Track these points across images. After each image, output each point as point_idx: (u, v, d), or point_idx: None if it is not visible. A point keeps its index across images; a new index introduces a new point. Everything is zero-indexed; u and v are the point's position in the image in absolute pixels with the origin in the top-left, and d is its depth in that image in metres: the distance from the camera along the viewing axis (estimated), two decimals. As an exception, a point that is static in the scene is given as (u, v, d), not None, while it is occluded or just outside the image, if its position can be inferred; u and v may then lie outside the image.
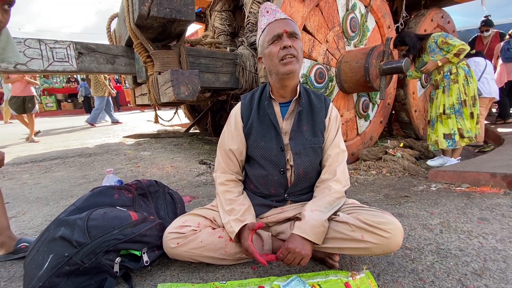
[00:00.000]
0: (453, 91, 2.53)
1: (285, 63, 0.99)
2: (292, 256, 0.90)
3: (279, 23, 1.01)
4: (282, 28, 1.00)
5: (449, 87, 2.54)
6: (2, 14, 0.89)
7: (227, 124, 1.16)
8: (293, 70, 1.00)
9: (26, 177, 2.61)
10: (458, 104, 2.53)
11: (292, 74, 1.01)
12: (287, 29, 1.00)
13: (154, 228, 1.07)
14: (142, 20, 1.87)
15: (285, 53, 0.99)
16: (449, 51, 2.46)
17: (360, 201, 1.76)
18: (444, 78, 2.57)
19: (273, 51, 1.01)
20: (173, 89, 1.96)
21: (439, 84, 2.61)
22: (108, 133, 5.34)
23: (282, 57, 0.99)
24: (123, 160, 3.09)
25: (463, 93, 2.51)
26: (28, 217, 1.68)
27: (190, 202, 1.81)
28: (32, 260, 0.91)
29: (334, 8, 2.55)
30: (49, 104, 11.86)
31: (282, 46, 0.99)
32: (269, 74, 1.08)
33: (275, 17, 1.03)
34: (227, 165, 1.14)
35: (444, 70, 2.56)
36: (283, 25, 1.01)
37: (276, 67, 1.01)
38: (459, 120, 2.53)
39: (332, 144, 1.09)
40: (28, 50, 2.13)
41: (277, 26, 1.01)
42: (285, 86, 1.06)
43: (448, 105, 2.57)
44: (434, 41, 2.53)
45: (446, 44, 2.48)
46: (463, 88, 2.51)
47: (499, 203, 1.60)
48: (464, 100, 2.52)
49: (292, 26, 1.02)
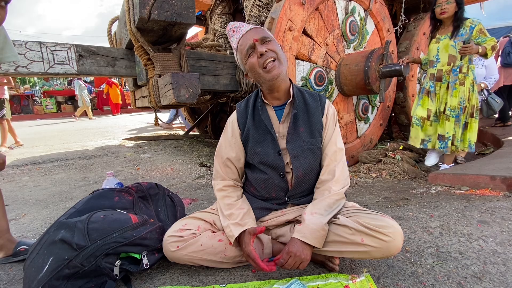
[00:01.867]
0: (458, 92, 2.30)
1: (268, 70, 1.00)
2: (292, 260, 0.90)
3: (246, 36, 1.02)
4: (251, 38, 1.00)
5: (454, 86, 2.31)
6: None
7: (224, 133, 1.16)
8: (277, 73, 1.00)
9: (25, 179, 2.61)
10: (459, 109, 2.32)
11: (278, 77, 1.01)
12: (256, 37, 1.00)
13: (154, 231, 1.07)
14: (142, 23, 1.88)
15: (264, 59, 0.99)
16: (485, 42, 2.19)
17: (360, 203, 1.76)
18: (451, 73, 2.30)
19: (252, 63, 1.01)
20: (174, 91, 1.97)
21: (443, 76, 2.34)
22: (108, 135, 5.35)
23: (263, 64, 1.00)
24: (123, 163, 3.09)
25: (466, 98, 2.31)
26: (27, 220, 1.67)
27: (190, 205, 1.81)
28: (32, 263, 0.91)
29: (334, 12, 2.56)
30: (49, 106, 11.90)
31: (259, 54, 0.99)
32: (259, 84, 1.09)
33: (241, 32, 1.04)
34: (226, 173, 1.14)
35: (456, 64, 2.29)
36: (251, 35, 1.01)
37: (261, 76, 1.01)
38: (456, 126, 2.35)
39: (330, 142, 1.08)
40: (29, 52, 2.14)
41: (246, 38, 1.02)
42: (276, 90, 1.06)
43: (450, 106, 2.35)
44: (471, 25, 2.23)
45: (483, 34, 2.20)
46: (468, 93, 2.30)
47: (498, 206, 1.60)
48: (465, 107, 2.32)
49: (259, 32, 1.02)
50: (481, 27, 2.21)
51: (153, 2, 1.78)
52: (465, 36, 2.24)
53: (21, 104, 11.94)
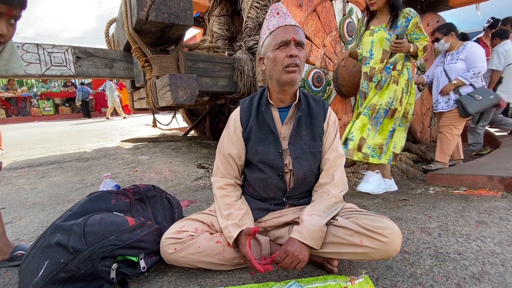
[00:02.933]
0: (388, 91, 1.92)
1: (288, 71, 0.99)
2: (290, 259, 0.89)
3: (288, 29, 1.00)
4: (291, 35, 0.99)
5: (385, 84, 1.94)
6: (8, 28, 0.90)
7: (226, 128, 1.16)
8: (294, 79, 1.00)
9: (22, 182, 2.59)
10: (383, 110, 1.90)
11: (293, 82, 1.01)
12: (296, 38, 0.99)
13: (152, 234, 1.06)
14: (140, 25, 1.88)
15: (290, 61, 0.98)
16: (418, 40, 1.88)
17: (359, 204, 1.76)
18: (383, 70, 1.96)
19: (278, 57, 1.00)
20: (171, 93, 1.97)
21: (375, 75, 1.99)
22: (106, 137, 5.33)
23: (286, 65, 0.99)
24: (121, 165, 3.07)
25: (398, 100, 1.90)
26: (24, 223, 1.66)
27: (188, 207, 1.80)
28: (27, 267, 0.90)
29: (331, 13, 2.57)
30: (47, 108, 11.86)
31: (289, 54, 0.98)
32: (269, 78, 1.08)
33: (286, 22, 1.01)
34: (226, 169, 1.13)
35: (389, 61, 1.95)
36: (292, 32, 0.99)
37: (279, 73, 1.01)
38: (369, 127, 1.91)
39: (330, 148, 1.09)
40: (26, 54, 2.13)
41: (287, 32, 0.99)
42: (284, 91, 1.06)
43: (369, 104, 1.95)
44: (407, 17, 1.88)
45: (419, 29, 1.87)
46: (401, 94, 1.91)
47: (496, 206, 1.60)
48: (394, 110, 1.91)
49: (300, 35, 1.01)
50: (418, 20, 1.88)
51: (151, 4, 1.79)
52: (400, 29, 1.89)
53: (18, 106, 11.89)
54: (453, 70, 2.49)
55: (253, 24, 2.76)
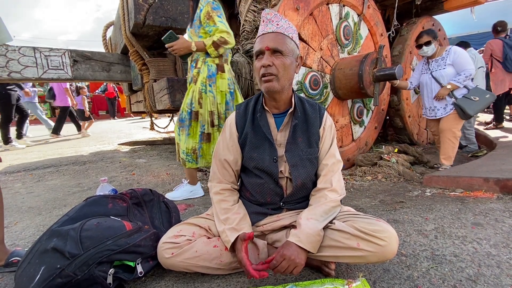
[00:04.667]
0: (188, 92, 1.79)
1: (264, 80, 1.00)
2: (286, 263, 0.89)
3: (264, 38, 1.00)
4: (266, 44, 0.98)
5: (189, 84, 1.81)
6: None
7: (222, 133, 1.16)
8: (271, 87, 0.99)
9: (18, 186, 2.57)
10: (186, 113, 1.77)
11: (272, 91, 1.01)
12: (269, 46, 0.97)
13: (149, 238, 1.05)
14: (137, 29, 1.89)
15: (263, 71, 0.99)
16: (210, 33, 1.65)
17: (356, 207, 1.76)
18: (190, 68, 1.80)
19: (256, 67, 1.02)
20: (169, 96, 1.97)
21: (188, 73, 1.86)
22: (103, 141, 5.31)
23: (261, 74, 1.00)
24: (118, 168, 3.06)
25: (196, 101, 1.74)
26: (20, 228, 1.65)
27: (186, 211, 1.80)
28: (23, 272, 0.90)
29: (328, 17, 2.59)
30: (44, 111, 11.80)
31: (260, 65, 0.99)
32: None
33: (264, 30, 1.01)
34: (223, 175, 1.13)
35: (193, 58, 1.78)
36: (267, 41, 0.99)
37: (259, 82, 1.03)
38: (180, 132, 1.81)
39: (328, 153, 1.09)
40: (22, 58, 2.13)
41: (262, 41, 1.00)
42: (274, 99, 1.06)
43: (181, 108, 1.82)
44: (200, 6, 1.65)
45: (211, 20, 1.62)
46: (199, 94, 1.74)
47: (492, 208, 1.62)
48: (196, 112, 1.76)
49: (277, 41, 0.98)
50: (209, 9, 1.60)
51: (148, 8, 1.79)
52: (196, 22, 1.68)
53: (15, 109, 11.81)
54: (444, 76, 2.52)
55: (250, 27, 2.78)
